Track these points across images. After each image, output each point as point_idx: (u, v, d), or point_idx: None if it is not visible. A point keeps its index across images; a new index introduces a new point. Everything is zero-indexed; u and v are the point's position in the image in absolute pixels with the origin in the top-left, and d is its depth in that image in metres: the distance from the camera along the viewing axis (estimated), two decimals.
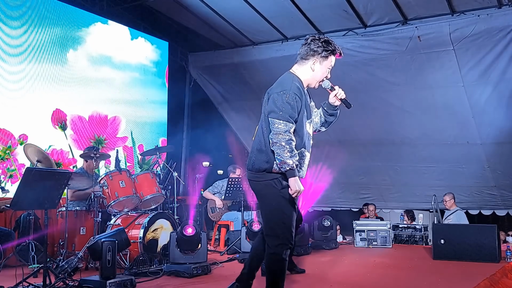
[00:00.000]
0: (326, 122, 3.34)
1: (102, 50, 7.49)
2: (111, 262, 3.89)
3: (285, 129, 2.93)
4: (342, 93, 3.22)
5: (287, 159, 2.92)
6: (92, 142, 7.24)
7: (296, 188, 2.95)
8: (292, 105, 2.98)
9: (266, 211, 3.12)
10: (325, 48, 3.13)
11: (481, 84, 7.36)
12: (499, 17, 6.60)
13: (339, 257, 6.19)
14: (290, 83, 3.08)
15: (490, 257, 5.59)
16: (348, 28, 7.63)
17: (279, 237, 3.04)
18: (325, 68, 3.18)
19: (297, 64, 3.23)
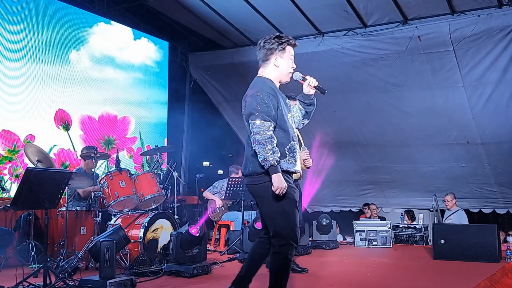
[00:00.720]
0: (306, 113, 3.42)
1: (102, 50, 7.49)
2: (109, 262, 3.88)
3: (263, 128, 3.00)
4: (314, 80, 3.31)
5: (268, 157, 2.97)
6: (102, 142, 7.24)
7: (278, 184, 2.98)
8: (267, 104, 3.06)
9: (269, 213, 3.13)
10: (278, 42, 3.24)
11: (481, 85, 7.36)
12: (499, 17, 6.60)
13: (339, 257, 6.19)
14: (262, 84, 3.17)
15: (491, 257, 5.59)
16: (348, 28, 7.64)
17: (284, 237, 3.06)
18: (287, 60, 3.26)
19: (261, 68, 3.32)
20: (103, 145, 7.28)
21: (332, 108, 8.48)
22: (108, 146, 7.25)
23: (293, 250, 3.09)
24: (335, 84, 8.14)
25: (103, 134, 7.38)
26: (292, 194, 3.10)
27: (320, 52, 7.76)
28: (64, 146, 6.76)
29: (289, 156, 3.13)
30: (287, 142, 3.13)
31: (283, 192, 3.00)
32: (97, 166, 5.74)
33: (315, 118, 8.64)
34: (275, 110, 3.08)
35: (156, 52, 8.56)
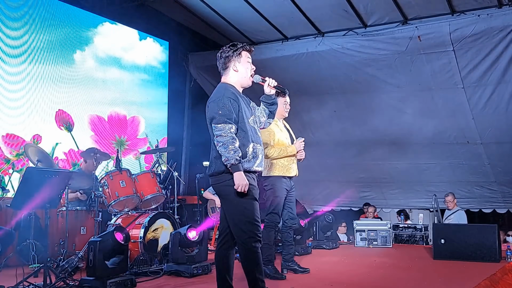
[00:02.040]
0: (271, 112, 3.61)
1: (102, 50, 7.49)
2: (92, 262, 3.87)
3: (225, 130, 3.18)
4: (273, 81, 3.51)
5: (230, 156, 3.13)
6: (114, 143, 7.25)
7: (238, 182, 3.13)
8: (228, 107, 3.23)
9: (229, 210, 3.28)
10: (233, 49, 3.42)
11: (481, 86, 7.35)
12: (499, 17, 6.59)
13: (339, 257, 6.19)
14: (223, 90, 3.36)
15: (491, 256, 5.59)
16: (348, 28, 7.63)
17: (245, 232, 3.18)
18: (245, 63, 3.43)
19: (222, 76, 3.50)
20: (115, 146, 7.29)
21: (332, 108, 8.48)
22: (121, 147, 7.26)
23: (257, 242, 3.20)
24: (335, 84, 8.14)
25: (114, 134, 7.38)
26: (251, 191, 3.24)
27: (320, 52, 7.76)
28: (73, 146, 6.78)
29: (250, 156, 3.28)
30: (248, 143, 3.28)
31: (244, 189, 3.14)
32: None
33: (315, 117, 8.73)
34: (236, 113, 3.25)
35: (156, 52, 8.56)
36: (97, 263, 3.89)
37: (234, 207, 3.24)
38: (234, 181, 3.13)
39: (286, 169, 4.70)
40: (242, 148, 3.22)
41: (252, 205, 3.23)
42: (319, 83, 8.17)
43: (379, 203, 9.79)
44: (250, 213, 3.21)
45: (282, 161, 4.69)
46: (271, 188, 4.64)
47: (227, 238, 3.34)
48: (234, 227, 3.24)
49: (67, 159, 6.65)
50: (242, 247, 3.21)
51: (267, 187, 4.67)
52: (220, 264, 3.35)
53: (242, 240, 3.20)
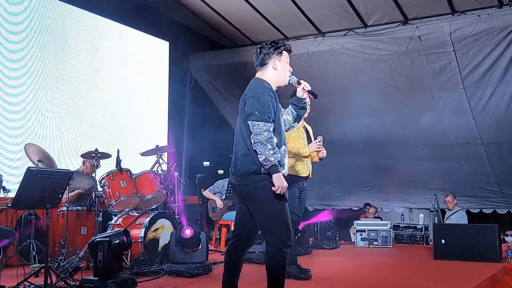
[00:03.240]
0: (298, 116, 3.52)
1: (102, 50, 7.49)
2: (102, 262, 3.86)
3: (264, 129, 3.06)
4: (308, 85, 3.42)
5: (269, 156, 3.02)
6: None
7: (279, 183, 3.03)
8: (268, 106, 3.12)
9: (260, 213, 3.14)
10: (275, 47, 3.36)
11: (481, 86, 7.35)
12: (500, 17, 6.60)
13: (340, 257, 6.20)
14: (262, 86, 3.24)
15: (491, 257, 5.59)
16: (349, 28, 7.64)
17: (277, 236, 3.08)
18: (285, 63, 3.37)
19: (258, 72, 3.40)
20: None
21: (332, 108, 8.47)
22: None
23: (288, 248, 3.10)
24: (336, 84, 8.14)
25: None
26: (283, 193, 3.13)
27: (320, 52, 7.76)
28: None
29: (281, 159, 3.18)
30: (280, 145, 3.17)
31: (283, 191, 3.05)
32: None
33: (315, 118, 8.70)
34: (274, 113, 3.16)
35: (156, 52, 8.56)
36: (107, 263, 3.89)
37: (266, 210, 3.11)
38: (273, 182, 3.02)
39: (299, 169, 4.68)
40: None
41: (286, 209, 3.13)
42: (319, 83, 8.16)
43: (379, 203, 9.79)
44: (284, 217, 3.10)
45: (297, 161, 4.66)
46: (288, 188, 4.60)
47: (242, 240, 3.25)
48: (264, 231, 3.14)
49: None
50: (271, 252, 3.09)
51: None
52: (230, 265, 3.29)
53: (273, 244, 3.09)
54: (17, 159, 6.07)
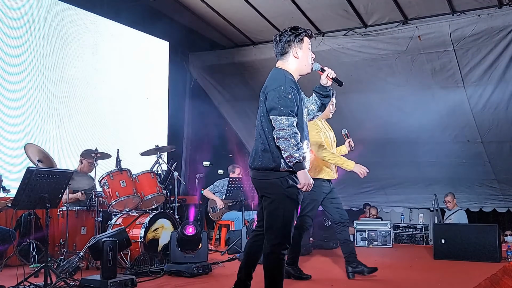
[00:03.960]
0: (322, 105, 3.38)
1: (102, 49, 7.48)
2: (111, 262, 3.89)
3: (287, 124, 2.94)
4: (332, 72, 3.28)
5: (293, 153, 2.91)
6: None
7: (304, 181, 2.96)
8: (290, 99, 3.00)
9: (269, 209, 3.09)
10: (295, 33, 3.19)
11: (481, 85, 7.35)
12: (500, 17, 6.59)
13: (339, 256, 6.18)
14: (284, 77, 3.10)
15: (491, 256, 5.60)
16: (349, 28, 7.63)
17: (278, 236, 3.04)
18: (306, 50, 3.22)
19: (279, 61, 3.26)
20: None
21: None
22: None
23: (285, 250, 3.07)
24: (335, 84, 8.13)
25: None
26: (297, 196, 3.06)
27: (320, 52, 7.75)
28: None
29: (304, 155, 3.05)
30: (302, 140, 3.04)
31: (310, 188, 2.98)
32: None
33: None
34: (297, 105, 3.04)
35: (156, 51, 8.56)
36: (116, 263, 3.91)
37: (275, 208, 3.05)
38: (291, 180, 2.98)
39: (329, 172, 4.67)
40: None
41: (293, 211, 3.08)
42: (319, 83, 8.17)
43: (379, 202, 9.78)
44: (289, 219, 3.05)
45: (328, 164, 4.64)
46: (313, 191, 4.57)
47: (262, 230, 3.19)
48: (268, 228, 3.08)
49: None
50: (269, 253, 3.07)
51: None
52: (249, 255, 3.30)
53: (272, 243, 3.05)
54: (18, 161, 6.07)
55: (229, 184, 6.54)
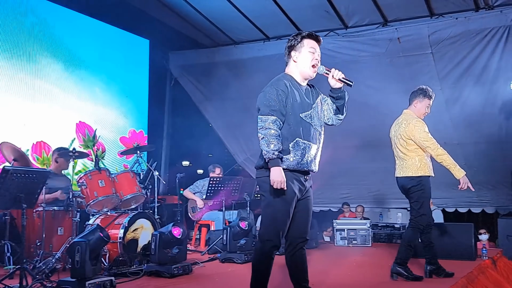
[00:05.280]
0: (338, 108, 3.33)
1: (82, 47, 7.37)
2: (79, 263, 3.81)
3: (267, 122, 3.01)
4: (339, 73, 3.24)
5: (268, 150, 2.96)
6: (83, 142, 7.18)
7: (273, 178, 2.97)
8: (274, 99, 3.05)
9: (261, 206, 3.19)
10: (295, 37, 3.23)
11: (458, 88, 7.47)
12: (477, 20, 6.73)
13: (319, 256, 6.22)
14: (276, 80, 3.17)
15: (467, 255, 5.69)
16: (330, 28, 7.68)
17: (266, 233, 3.10)
18: (305, 53, 3.21)
19: (286, 66, 3.32)
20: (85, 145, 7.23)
21: None
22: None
23: (274, 248, 3.10)
24: (315, 84, 8.15)
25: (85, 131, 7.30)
26: (290, 194, 3.07)
27: None
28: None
29: (294, 153, 3.08)
30: (291, 138, 3.08)
31: (280, 186, 2.97)
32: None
33: None
34: (282, 105, 3.06)
35: (136, 50, 8.47)
36: (85, 264, 3.82)
37: (265, 205, 3.13)
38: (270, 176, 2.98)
39: (430, 168, 4.66)
40: (284, 143, 3.04)
41: (282, 209, 3.07)
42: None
43: (357, 203, 9.84)
44: (277, 216, 3.07)
45: (428, 161, 4.63)
46: (421, 189, 4.51)
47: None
48: (261, 224, 3.18)
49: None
50: (257, 246, 3.15)
51: (415, 188, 4.52)
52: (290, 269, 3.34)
53: (261, 239, 3.12)
54: None
55: (210, 184, 6.51)
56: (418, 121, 4.63)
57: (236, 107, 9.12)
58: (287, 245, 3.27)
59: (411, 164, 4.56)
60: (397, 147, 4.71)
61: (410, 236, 4.50)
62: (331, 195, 9.82)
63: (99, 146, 7.56)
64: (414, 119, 4.65)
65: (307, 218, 3.25)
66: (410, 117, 4.70)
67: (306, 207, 3.24)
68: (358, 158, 9.08)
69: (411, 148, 4.59)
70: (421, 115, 4.76)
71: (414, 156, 4.57)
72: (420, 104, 4.75)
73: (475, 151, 8.26)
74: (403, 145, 4.61)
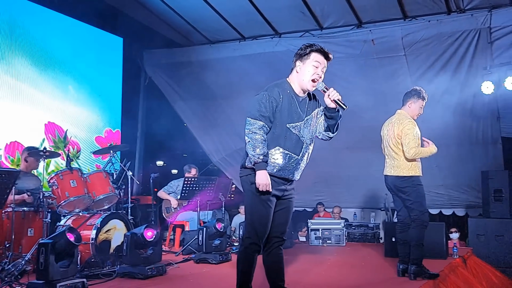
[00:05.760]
0: (328, 127, 3.33)
1: (54, 45, 7.20)
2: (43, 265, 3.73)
3: (254, 126, 3.10)
4: (336, 94, 3.24)
5: (254, 154, 3.06)
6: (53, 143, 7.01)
7: (259, 181, 3.07)
8: (264, 104, 3.14)
9: (245, 204, 3.29)
10: (303, 48, 3.28)
11: (430, 90, 7.57)
12: (449, 23, 6.87)
13: (294, 256, 6.24)
14: (271, 87, 3.23)
15: (439, 253, 5.80)
16: (305, 29, 7.72)
17: (248, 231, 3.19)
18: (309, 66, 3.24)
19: (290, 73, 3.37)
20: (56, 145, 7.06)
21: None
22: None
23: (255, 246, 3.18)
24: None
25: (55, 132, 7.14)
26: (268, 197, 3.15)
27: (277, 52, 7.80)
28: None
29: (274, 159, 3.16)
30: (272, 146, 3.16)
31: (265, 189, 3.08)
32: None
33: None
34: (271, 112, 3.13)
35: (110, 48, 8.33)
36: (49, 266, 3.73)
37: (247, 204, 3.24)
38: (255, 178, 3.09)
39: (420, 168, 4.78)
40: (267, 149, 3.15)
41: (263, 209, 3.16)
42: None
43: (332, 204, 9.92)
44: (256, 215, 3.17)
45: (418, 161, 4.77)
46: (417, 188, 4.62)
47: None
48: (245, 222, 3.26)
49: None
50: (241, 243, 3.29)
51: (410, 189, 4.61)
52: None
53: (244, 239, 3.22)
54: None
55: (185, 184, 6.46)
56: (410, 122, 4.75)
57: (211, 107, 9.08)
58: (264, 243, 3.30)
59: (403, 163, 4.67)
60: (389, 146, 4.80)
61: (418, 236, 4.55)
62: (306, 195, 9.85)
63: (73, 146, 7.42)
64: (407, 119, 4.76)
65: (286, 218, 3.31)
66: (403, 117, 4.79)
67: (287, 207, 3.31)
68: (333, 160, 9.13)
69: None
70: (414, 116, 4.87)
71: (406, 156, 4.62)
72: (414, 105, 4.85)
73: (446, 153, 8.39)
74: (395, 145, 4.70)
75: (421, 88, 4.91)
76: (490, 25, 6.63)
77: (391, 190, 4.80)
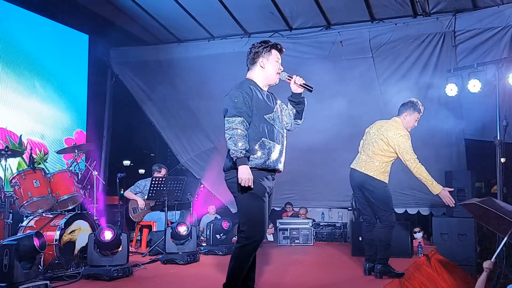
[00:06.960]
0: (297, 112, 3.53)
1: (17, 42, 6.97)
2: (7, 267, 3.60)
3: (234, 122, 3.15)
4: (300, 79, 3.44)
5: (235, 150, 3.10)
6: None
7: (241, 175, 3.10)
8: (238, 99, 3.22)
9: (238, 207, 3.28)
10: (264, 46, 3.43)
11: (396, 92, 7.73)
12: (414, 26, 7.02)
13: (261, 256, 6.24)
14: (240, 84, 3.34)
15: (404, 252, 5.91)
16: (274, 30, 7.74)
17: (245, 232, 3.19)
18: (273, 62, 3.42)
19: (248, 71, 3.49)
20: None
21: None
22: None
23: (255, 244, 3.20)
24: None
25: None
26: (261, 190, 3.22)
27: (246, 52, 7.75)
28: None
29: (260, 152, 3.23)
30: (257, 138, 3.23)
31: (247, 184, 3.10)
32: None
33: None
34: (248, 107, 3.22)
35: (75, 45, 8.13)
36: (14, 268, 3.60)
37: (239, 204, 3.25)
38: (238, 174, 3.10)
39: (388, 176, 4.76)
40: (251, 143, 3.20)
41: (258, 206, 3.21)
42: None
43: (300, 203, 9.98)
44: (254, 213, 3.20)
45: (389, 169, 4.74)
46: (383, 190, 4.65)
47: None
48: (240, 225, 3.24)
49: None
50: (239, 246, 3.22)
51: (376, 188, 4.63)
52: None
53: (241, 238, 3.21)
54: None
55: (152, 184, 6.35)
56: (406, 134, 4.74)
57: (179, 107, 8.98)
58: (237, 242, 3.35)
59: (378, 166, 4.69)
60: (373, 145, 4.77)
61: (385, 236, 4.60)
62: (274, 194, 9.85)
63: (40, 148, 7.18)
64: (403, 131, 4.75)
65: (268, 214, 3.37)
66: (400, 127, 4.77)
67: (269, 202, 3.40)
68: (301, 160, 9.17)
69: (386, 154, 4.70)
70: (408, 128, 4.87)
71: (383, 161, 4.69)
72: (410, 117, 4.85)
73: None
74: (381, 147, 4.69)
75: (417, 101, 4.88)
76: (455, 29, 6.79)
77: (355, 187, 4.83)
